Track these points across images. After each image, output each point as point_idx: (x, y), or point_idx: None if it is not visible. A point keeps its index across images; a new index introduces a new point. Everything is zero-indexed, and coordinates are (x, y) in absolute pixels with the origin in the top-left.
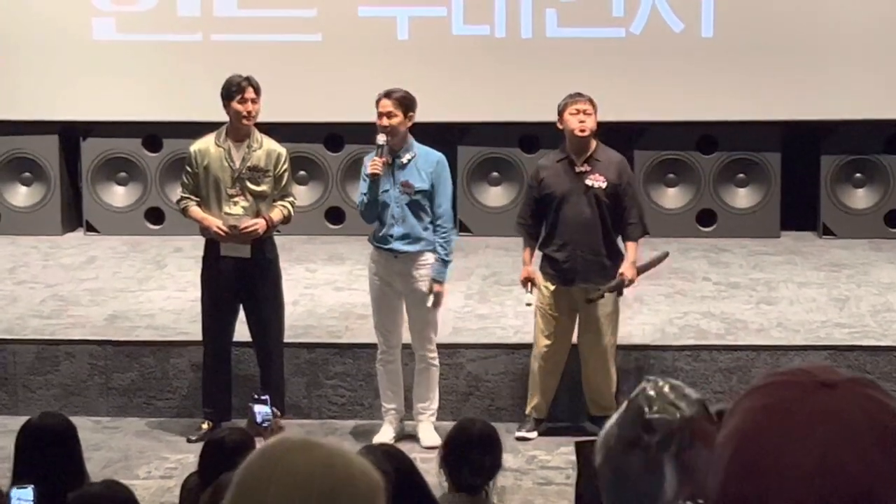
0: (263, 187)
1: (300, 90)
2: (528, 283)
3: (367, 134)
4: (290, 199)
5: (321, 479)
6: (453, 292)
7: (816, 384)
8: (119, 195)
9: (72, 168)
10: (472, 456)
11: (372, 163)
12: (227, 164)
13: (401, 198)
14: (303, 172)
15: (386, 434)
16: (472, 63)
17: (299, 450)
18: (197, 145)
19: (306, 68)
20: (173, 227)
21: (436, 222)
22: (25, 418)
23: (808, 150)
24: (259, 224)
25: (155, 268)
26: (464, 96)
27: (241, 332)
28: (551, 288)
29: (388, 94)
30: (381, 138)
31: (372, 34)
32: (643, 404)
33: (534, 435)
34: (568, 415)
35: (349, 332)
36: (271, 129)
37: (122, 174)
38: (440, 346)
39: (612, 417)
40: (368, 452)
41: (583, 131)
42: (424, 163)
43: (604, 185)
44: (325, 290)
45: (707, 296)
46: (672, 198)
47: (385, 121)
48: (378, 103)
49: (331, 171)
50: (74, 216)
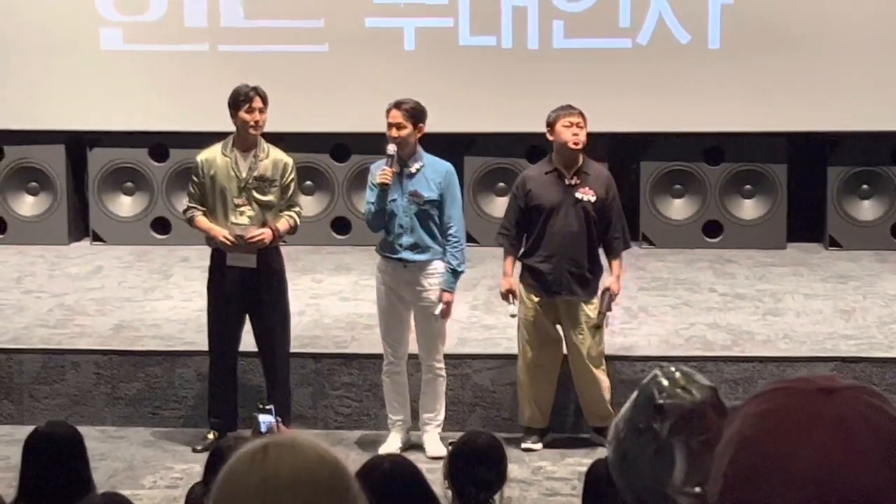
0: (270, 197)
1: (307, 100)
2: (509, 294)
3: (373, 144)
4: (297, 209)
5: (313, 481)
6: (459, 303)
7: (816, 391)
8: (125, 205)
9: (78, 178)
10: (476, 470)
11: (381, 172)
12: (233, 174)
13: (409, 207)
14: (309, 182)
15: (392, 444)
16: (479, 74)
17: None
18: (203, 155)
19: (313, 79)
20: (180, 237)
21: (446, 233)
22: (31, 428)
23: (814, 161)
24: (265, 234)
25: (161, 277)
26: (470, 107)
27: (248, 342)
28: (535, 299)
29: (399, 105)
30: (391, 148)
31: (379, 45)
32: (654, 390)
33: (539, 446)
34: (574, 426)
35: (355, 342)
36: (278, 138)
37: (129, 184)
38: (446, 356)
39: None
40: (377, 463)
41: (577, 144)
42: (433, 173)
43: (593, 198)
44: (331, 300)
45: (713, 307)
46: (678, 209)
47: (395, 132)
48: (388, 113)
49: (337, 181)
50: (81, 226)
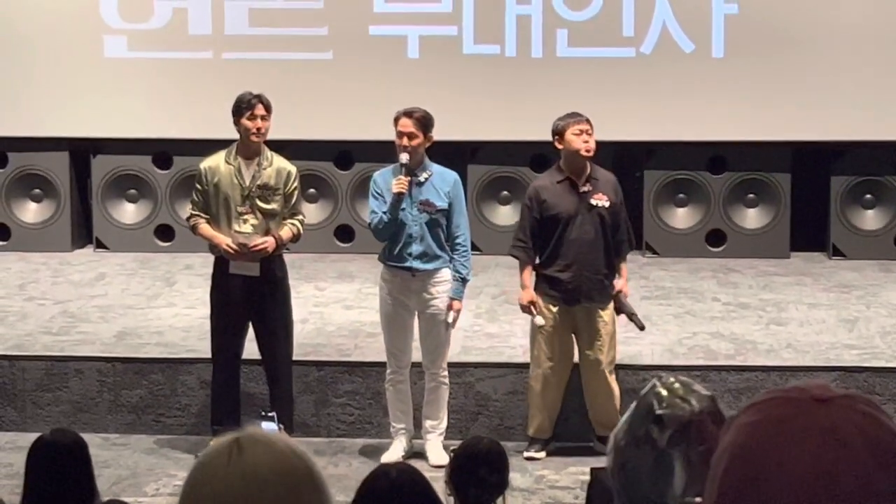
0: (273, 205)
1: (311, 108)
2: (531, 306)
3: (377, 152)
4: (300, 217)
5: (290, 473)
6: (463, 311)
7: (810, 400)
8: (129, 212)
9: (82, 185)
10: (479, 474)
11: (398, 182)
12: (237, 182)
13: (419, 216)
14: (312, 190)
15: (395, 452)
16: (483, 82)
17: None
18: (207, 163)
19: (317, 86)
20: (183, 245)
21: (454, 241)
22: (34, 435)
23: (818, 170)
24: (268, 242)
25: (164, 285)
26: (474, 115)
27: (251, 349)
28: (553, 309)
29: (409, 114)
30: (404, 157)
31: (383, 52)
32: (653, 400)
33: (542, 455)
34: (577, 435)
35: (358, 350)
36: (281, 146)
37: (133, 191)
38: (449, 364)
39: (624, 416)
40: (384, 471)
41: (588, 151)
42: (441, 182)
43: (606, 204)
44: (334, 308)
45: (716, 316)
46: (682, 218)
47: (406, 140)
48: (397, 122)
49: (341, 189)
50: (84, 233)
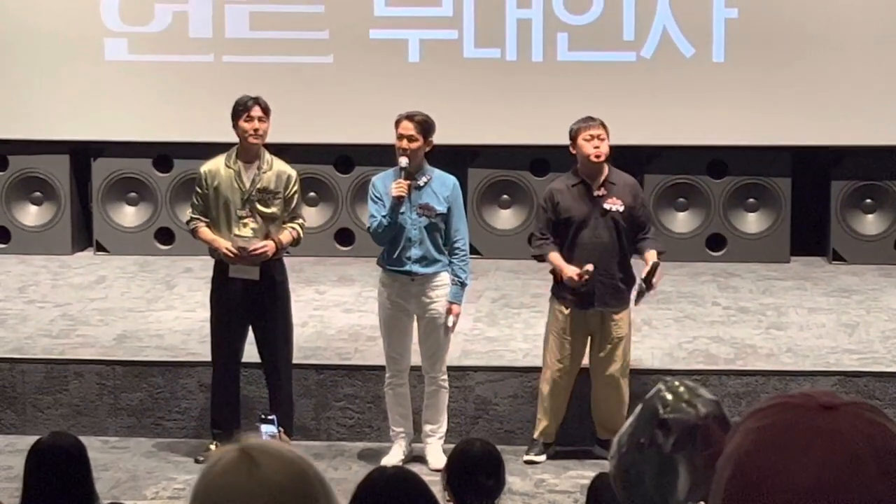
0: (273, 209)
1: (311, 112)
2: (582, 275)
3: (377, 156)
4: (300, 220)
5: (306, 480)
6: (462, 315)
7: (816, 406)
8: (129, 215)
9: (82, 188)
10: (475, 478)
11: (397, 185)
12: (237, 186)
13: (418, 220)
14: (313, 194)
15: (395, 456)
16: (483, 86)
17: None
18: (207, 166)
19: (317, 90)
20: (183, 248)
21: (453, 246)
22: (34, 438)
23: (818, 175)
24: (268, 246)
25: (164, 288)
26: (474, 119)
27: (251, 352)
28: (566, 311)
29: (410, 117)
30: (404, 161)
31: (383, 56)
32: (657, 404)
33: (542, 458)
34: (576, 439)
35: (358, 353)
36: (282, 150)
37: (133, 194)
38: (449, 368)
39: (628, 420)
40: (380, 471)
41: (598, 157)
42: (440, 186)
43: (621, 208)
44: (334, 311)
45: (716, 320)
46: (682, 222)
47: (406, 143)
48: (398, 125)
49: (341, 192)
50: (84, 236)
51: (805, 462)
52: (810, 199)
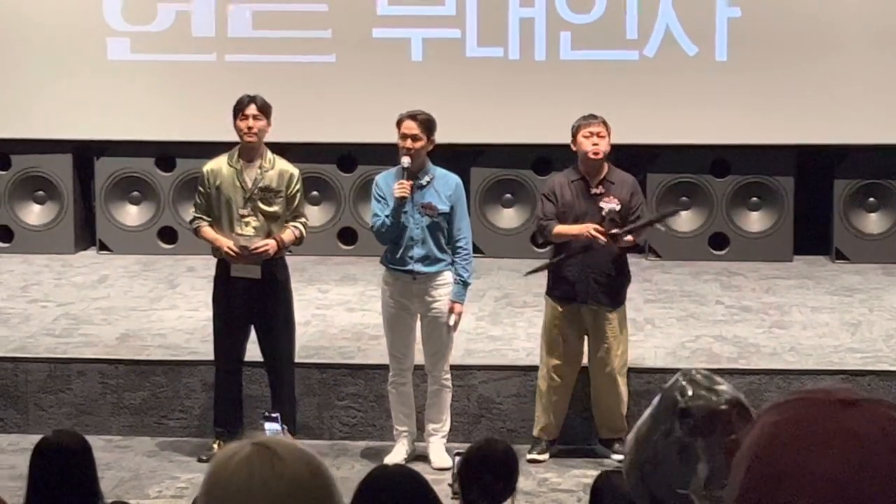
0: (275, 208)
1: (314, 111)
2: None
3: (380, 155)
4: (303, 219)
5: (323, 474)
6: (465, 314)
7: (836, 402)
8: (132, 214)
9: (85, 187)
10: (485, 479)
11: (400, 186)
12: (238, 185)
13: (421, 220)
14: (315, 193)
15: (398, 455)
16: (486, 85)
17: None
18: (209, 165)
19: (320, 89)
20: (186, 247)
21: (456, 245)
22: (37, 437)
23: (821, 174)
24: (270, 245)
25: (167, 287)
26: (477, 118)
27: (254, 351)
28: (560, 308)
29: (413, 117)
30: (406, 161)
31: (386, 55)
32: (676, 394)
33: (545, 457)
34: (579, 438)
35: (361, 352)
36: (284, 149)
37: (136, 193)
38: (452, 367)
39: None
40: (382, 470)
41: (596, 154)
42: (443, 185)
43: (617, 207)
44: (337, 310)
45: (719, 319)
46: (685, 221)
47: (409, 143)
48: (401, 124)
49: (343, 191)
50: (87, 235)
51: (823, 457)
52: (813, 197)
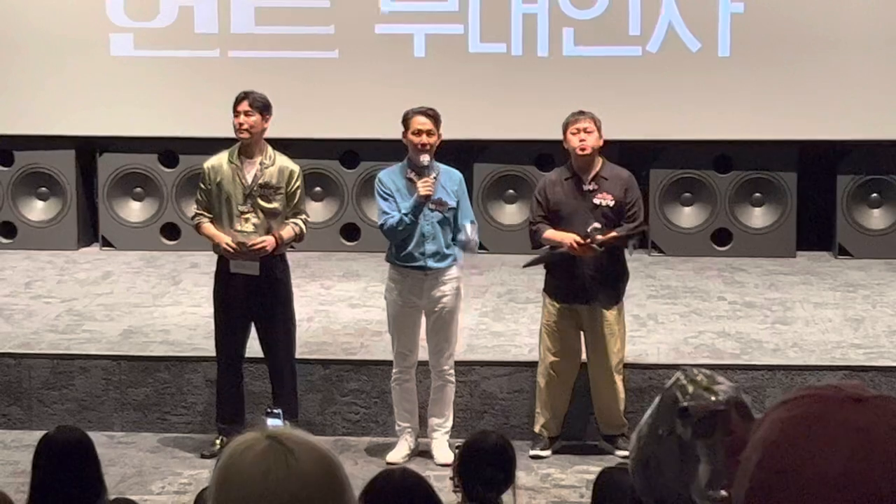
0: (275, 204)
1: (316, 107)
2: (585, 239)
3: (383, 151)
4: (303, 216)
5: (335, 466)
6: (468, 310)
7: (845, 398)
8: (135, 210)
9: (88, 183)
10: (484, 471)
11: (425, 184)
12: (238, 181)
13: (432, 216)
14: (318, 189)
15: (401, 451)
16: (489, 81)
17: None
18: (210, 162)
19: (323, 85)
20: (189, 243)
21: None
22: (40, 433)
23: (824, 169)
24: (268, 241)
25: (170, 283)
26: (480, 114)
27: (256, 348)
28: (557, 306)
29: (425, 112)
30: (426, 158)
31: (389, 51)
32: (677, 393)
33: (547, 453)
34: (582, 433)
35: (364, 348)
36: (287, 145)
37: (139, 189)
38: (455, 363)
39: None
40: (387, 476)
41: (583, 150)
42: (448, 181)
43: (611, 203)
44: (340, 306)
45: (722, 315)
46: (688, 217)
47: (425, 138)
48: (411, 121)
49: (346, 187)
50: (90, 231)
51: (832, 453)
52: (816, 193)
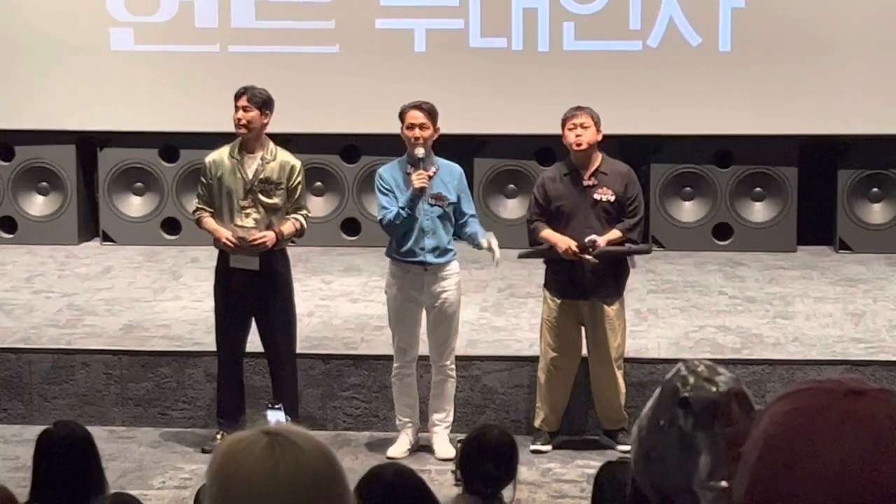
0: (275, 200)
1: (317, 101)
2: (578, 246)
3: (383, 146)
4: (304, 211)
5: (333, 461)
6: (469, 304)
7: (845, 392)
8: (135, 205)
9: (88, 178)
10: (486, 466)
11: (419, 177)
12: (239, 176)
13: (431, 210)
14: (319, 184)
15: (401, 446)
16: (489, 76)
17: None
18: (212, 156)
19: (323, 80)
20: (189, 238)
21: (466, 221)
22: (40, 428)
23: (824, 164)
24: (268, 237)
25: (171, 278)
26: (480, 109)
27: (257, 342)
28: (558, 301)
29: (418, 106)
30: (421, 151)
31: (389, 46)
32: (678, 384)
33: (548, 448)
34: (582, 428)
35: (364, 343)
36: (288, 140)
37: (139, 184)
38: (456, 358)
39: (648, 402)
40: (380, 472)
41: (579, 145)
42: (448, 175)
43: (611, 198)
44: (340, 301)
45: (723, 310)
46: (688, 211)
47: (418, 132)
48: (406, 116)
49: (347, 182)
50: (91, 226)
51: (834, 446)
52: (817, 188)
